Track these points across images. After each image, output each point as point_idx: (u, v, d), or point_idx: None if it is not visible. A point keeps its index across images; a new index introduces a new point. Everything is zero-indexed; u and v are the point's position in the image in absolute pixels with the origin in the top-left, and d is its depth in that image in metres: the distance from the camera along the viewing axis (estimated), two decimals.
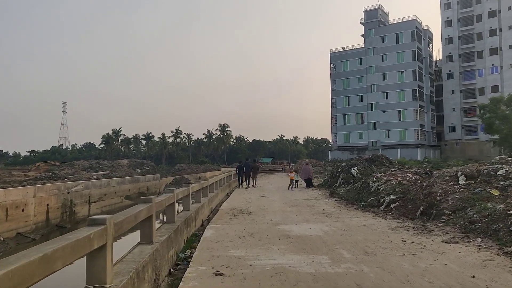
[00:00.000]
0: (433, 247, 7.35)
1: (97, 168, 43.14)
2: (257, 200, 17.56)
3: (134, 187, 35.71)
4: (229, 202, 17.13)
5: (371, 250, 7.28)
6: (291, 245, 7.87)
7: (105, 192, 29.53)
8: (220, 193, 20.21)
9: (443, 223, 9.33)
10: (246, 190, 24.24)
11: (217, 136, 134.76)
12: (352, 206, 14.38)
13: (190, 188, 10.44)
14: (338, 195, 18.08)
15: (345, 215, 12.05)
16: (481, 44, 75.27)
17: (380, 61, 77.41)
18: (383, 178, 15.29)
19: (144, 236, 5.99)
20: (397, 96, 75.16)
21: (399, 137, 74.44)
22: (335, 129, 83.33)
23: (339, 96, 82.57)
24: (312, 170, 25.70)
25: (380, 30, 78.19)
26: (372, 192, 14.79)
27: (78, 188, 26.01)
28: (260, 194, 20.61)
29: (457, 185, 10.85)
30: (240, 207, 14.92)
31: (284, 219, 11.54)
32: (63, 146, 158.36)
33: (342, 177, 22.41)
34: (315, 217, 11.89)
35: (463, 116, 77.21)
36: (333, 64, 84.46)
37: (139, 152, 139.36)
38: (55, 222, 22.01)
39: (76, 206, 24.67)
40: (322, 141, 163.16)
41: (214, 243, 8.29)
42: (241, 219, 11.92)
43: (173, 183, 45.65)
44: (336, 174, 23.91)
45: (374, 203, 13.47)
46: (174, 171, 61.20)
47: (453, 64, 78.51)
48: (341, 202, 15.69)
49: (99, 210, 27.22)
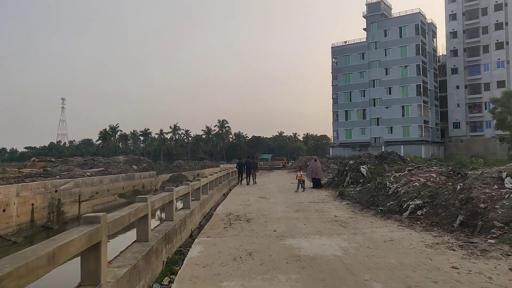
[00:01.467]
0: (502, 280, 5.29)
1: (92, 165, 41.43)
2: (257, 203, 15.51)
3: (129, 184, 34.35)
4: (226, 205, 15.09)
5: (417, 284, 5.22)
6: (304, 273, 5.82)
7: (97, 190, 28.14)
8: (216, 194, 18.15)
9: (495, 239, 7.29)
10: (245, 190, 22.21)
11: (216, 133, 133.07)
12: (368, 211, 12.32)
13: (174, 192, 8.35)
14: (348, 196, 16.03)
15: (364, 224, 9.99)
16: (487, 38, 73.03)
17: (383, 55, 75.15)
18: (402, 178, 13.24)
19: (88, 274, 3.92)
20: (400, 91, 72.97)
21: (402, 133, 72.32)
22: (336, 125, 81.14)
23: (341, 91, 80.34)
24: (321, 168, 22.30)
25: (383, 24, 75.87)
26: (390, 194, 12.74)
27: (67, 186, 24.58)
28: (260, 195, 18.57)
29: (503, 189, 8.81)
30: (237, 212, 12.88)
31: (291, 230, 9.49)
32: (61, 143, 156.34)
33: (351, 176, 20.37)
34: (328, 226, 9.84)
35: (468, 112, 75.09)
36: (335, 58, 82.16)
37: (137, 148, 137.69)
38: (41, 222, 20.64)
39: (64, 206, 23.32)
40: (322, 138, 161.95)
41: (201, 268, 6.23)
42: (238, 228, 9.87)
43: (170, 180, 44.38)
44: (343, 172, 21.87)
45: (395, 208, 11.43)
46: (172, 167, 60.35)
47: (458, 58, 76.30)
48: (354, 206, 13.64)
49: (90, 209, 25.63)
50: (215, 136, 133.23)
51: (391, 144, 70.54)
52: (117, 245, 6.49)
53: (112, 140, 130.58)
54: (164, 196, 7.48)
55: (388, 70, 74.37)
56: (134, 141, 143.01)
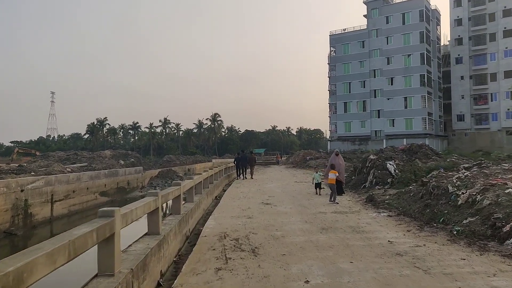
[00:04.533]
0: None
1: (74, 160, 37.73)
2: (261, 213, 11.32)
3: (112, 181, 31.19)
4: (219, 217, 10.85)
5: None
6: None
7: (74, 188, 25.13)
8: (206, 198, 13.91)
9: None
10: (242, 191, 18.01)
11: (208, 126, 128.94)
12: (432, 230, 8.11)
13: (116, 222, 4.13)
14: (383, 203, 11.91)
15: (456, 266, 5.78)
16: (494, 26, 69.01)
17: (384, 43, 70.77)
18: (476, 181, 9.10)
19: None
20: (403, 82, 68.74)
21: (405, 126, 68.24)
22: (334, 118, 76.84)
23: (339, 82, 75.94)
24: (344, 167, 16.42)
25: (384, 10, 71.40)
26: (461, 205, 8.59)
27: (36, 185, 21.31)
28: (262, 200, 14.39)
29: None
30: (235, 231, 8.70)
31: (332, 279, 5.31)
32: (51, 137, 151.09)
33: (375, 175, 16.23)
34: (396, 270, 5.61)
35: (472, 104, 71.30)
36: (333, 47, 77.73)
37: (127, 143, 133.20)
38: (3, 227, 17.90)
39: (33, 207, 20.69)
40: (315, 132, 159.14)
41: None
42: (239, 272, 5.67)
43: (159, 176, 41.86)
44: (362, 170, 17.71)
45: (482, 230, 7.31)
46: (161, 162, 57.96)
47: (463, 47, 72.33)
48: (402, 220, 9.49)
49: (65, 210, 23.37)
50: (207, 130, 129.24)
51: (393, 138, 66.74)
52: None
53: (100, 134, 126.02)
54: (85, 233, 3.37)
55: (390, 59, 70.06)
56: (124, 136, 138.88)
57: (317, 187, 15.51)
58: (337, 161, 15.03)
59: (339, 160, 15.41)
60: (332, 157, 15.69)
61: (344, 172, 16.53)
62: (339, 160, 15.37)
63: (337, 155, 15.57)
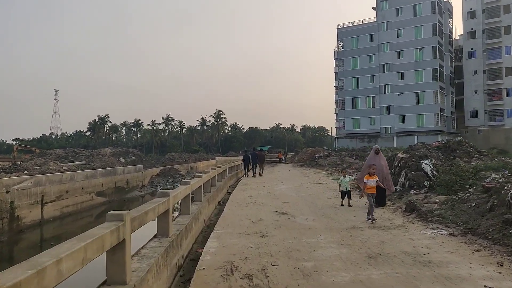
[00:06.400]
0: None
1: (72, 158, 35.92)
2: (277, 228, 8.74)
3: (110, 180, 29.58)
4: (222, 237, 8.23)
5: None
6: None
7: (68, 188, 23.55)
8: (207, 207, 11.38)
9: None
10: (250, 195, 15.45)
11: (211, 124, 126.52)
12: None
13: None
14: (430, 214, 9.33)
15: None
16: (509, 18, 65.94)
17: (394, 37, 67.86)
18: None
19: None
20: (414, 77, 65.87)
21: (416, 122, 65.44)
22: (342, 114, 74.05)
23: (347, 77, 73.11)
24: (388, 168, 12.44)
25: (394, 2, 68.33)
26: None
27: (24, 185, 19.72)
28: (276, 207, 11.84)
29: None
30: (246, 259, 6.17)
31: None
32: (54, 135, 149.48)
33: (408, 177, 13.63)
34: None
35: (486, 100, 68.33)
36: (341, 41, 74.89)
37: (130, 140, 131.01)
38: None
39: (20, 209, 19.03)
40: (320, 129, 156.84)
41: None
42: None
43: (160, 174, 40.07)
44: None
45: None
46: (164, 160, 56.84)
47: (476, 41, 69.32)
48: (471, 241, 6.95)
49: (58, 212, 22.08)
50: (211, 127, 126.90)
51: (403, 135, 64.19)
52: None
53: (102, 132, 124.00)
54: None
55: (400, 53, 67.18)
56: (127, 133, 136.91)
57: (344, 196, 12.00)
58: (378, 162, 11.32)
59: (381, 160, 11.68)
60: (371, 156, 12.08)
61: (391, 177, 12.42)
62: (380, 160, 11.63)
63: (377, 154, 11.85)
